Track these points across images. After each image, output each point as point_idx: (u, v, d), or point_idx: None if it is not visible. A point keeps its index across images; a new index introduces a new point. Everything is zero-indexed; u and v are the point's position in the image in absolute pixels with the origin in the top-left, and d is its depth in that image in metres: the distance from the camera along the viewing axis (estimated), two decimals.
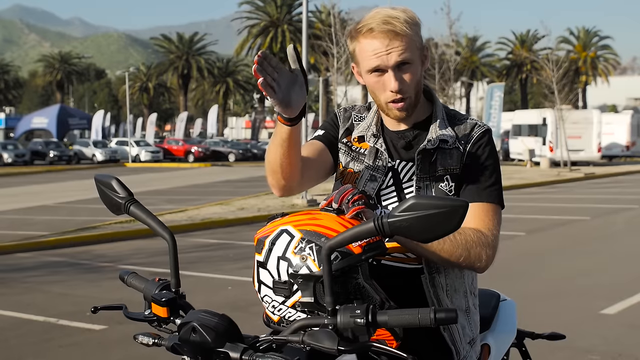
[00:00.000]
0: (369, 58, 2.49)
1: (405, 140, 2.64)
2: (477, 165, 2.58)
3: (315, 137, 2.77)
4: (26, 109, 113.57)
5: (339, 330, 1.95)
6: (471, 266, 2.49)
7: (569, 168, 36.80)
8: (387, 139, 2.69)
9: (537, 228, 15.60)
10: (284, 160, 2.46)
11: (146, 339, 2.20)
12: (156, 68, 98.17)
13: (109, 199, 2.35)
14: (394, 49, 2.45)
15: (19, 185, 31.90)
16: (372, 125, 2.70)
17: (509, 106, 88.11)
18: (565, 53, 71.74)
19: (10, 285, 10.35)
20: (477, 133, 2.61)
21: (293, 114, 2.30)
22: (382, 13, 2.48)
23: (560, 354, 6.58)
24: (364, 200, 2.26)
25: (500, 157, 24.44)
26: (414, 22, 2.50)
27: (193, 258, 12.36)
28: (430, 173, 2.58)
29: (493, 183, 2.58)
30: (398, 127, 2.67)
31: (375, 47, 2.46)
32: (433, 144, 2.58)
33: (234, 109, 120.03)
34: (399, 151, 2.65)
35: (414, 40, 2.48)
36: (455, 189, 2.57)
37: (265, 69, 2.17)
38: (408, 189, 2.59)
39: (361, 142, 2.71)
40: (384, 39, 2.44)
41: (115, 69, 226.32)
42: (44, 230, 15.39)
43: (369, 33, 2.47)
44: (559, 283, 10.02)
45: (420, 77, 2.56)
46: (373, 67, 2.49)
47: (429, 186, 2.57)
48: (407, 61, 2.48)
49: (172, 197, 23.95)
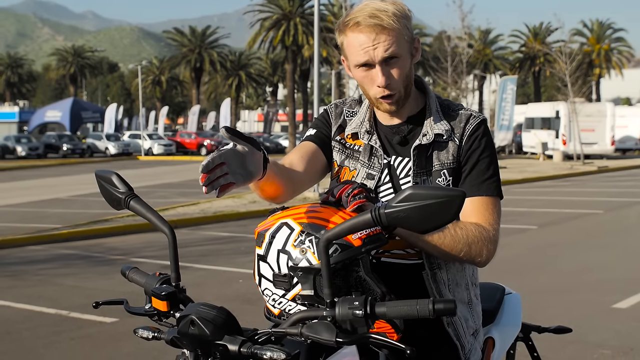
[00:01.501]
0: (356, 53, 2.44)
1: (400, 135, 2.60)
2: (474, 158, 2.55)
3: (307, 138, 2.72)
4: (40, 102, 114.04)
5: (337, 322, 1.94)
6: (472, 261, 2.48)
7: (582, 161, 36.66)
8: (381, 134, 2.64)
9: (550, 221, 15.55)
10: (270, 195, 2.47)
11: (146, 333, 2.20)
12: (169, 61, 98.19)
13: (110, 194, 2.35)
14: (380, 43, 2.40)
15: (32, 179, 32.05)
16: (365, 122, 2.65)
17: (522, 99, 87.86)
18: (579, 46, 71.35)
19: (23, 278, 10.40)
20: (473, 124, 2.57)
21: (259, 177, 2.20)
22: (371, 6, 2.43)
23: (572, 348, 6.57)
24: (365, 194, 2.25)
25: (513, 151, 24.36)
26: (403, 15, 2.44)
27: (205, 251, 12.40)
28: (426, 168, 2.55)
29: (491, 175, 2.55)
30: (391, 121, 2.63)
31: (361, 42, 2.42)
32: (428, 139, 2.55)
33: (247, 102, 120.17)
34: (394, 147, 2.62)
35: (402, 34, 2.43)
36: (453, 183, 2.55)
37: (212, 176, 2.06)
38: (405, 185, 2.56)
39: (355, 139, 2.67)
40: (371, 33, 2.40)
41: (128, 62, 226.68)
42: (56, 223, 15.47)
43: (356, 27, 2.42)
44: (571, 277, 9.99)
45: (409, 71, 2.51)
46: (360, 62, 2.45)
47: (425, 181, 2.54)
48: (395, 55, 2.43)
49: (185, 190, 23.99)
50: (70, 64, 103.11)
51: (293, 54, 63.06)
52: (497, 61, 79.90)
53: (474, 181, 2.53)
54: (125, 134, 63.80)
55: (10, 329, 7.54)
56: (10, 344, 7.06)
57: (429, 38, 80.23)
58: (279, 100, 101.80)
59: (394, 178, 2.59)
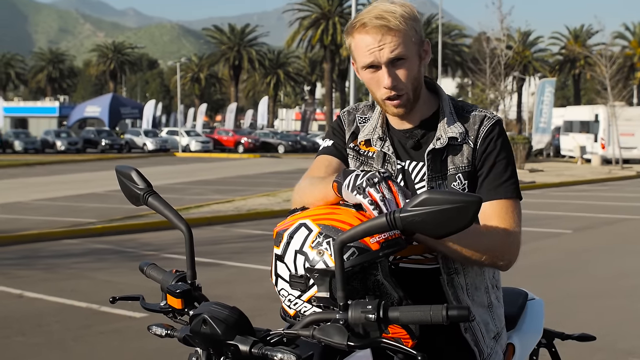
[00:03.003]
0: (363, 54, 2.43)
1: (414, 139, 2.57)
2: (491, 160, 2.51)
3: (325, 150, 2.69)
4: (80, 97, 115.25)
5: (350, 326, 1.94)
6: (494, 265, 2.45)
7: (620, 166, 36.28)
8: (394, 139, 2.61)
9: (585, 226, 15.39)
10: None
11: (160, 330, 2.22)
12: (208, 59, 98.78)
13: (129, 189, 2.36)
14: (386, 44, 2.38)
15: (70, 173, 32.41)
16: (378, 128, 2.63)
17: (561, 102, 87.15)
18: (620, 49, 70.65)
19: (56, 271, 10.52)
20: (487, 126, 2.54)
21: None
22: (378, 8, 2.42)
23: (600, 355, 6.50)
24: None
25: (551, 154, 24.05)
26: (411, 17, 2.42)
27: (237, 248, 12.45)
28: (442, 172, 2.53)
29: (509, 177, 2.52)
30: (404, 125, 2.60)
31: (368, 43, 2.40)
32: (442, 143, 2.52)
33: (285, 101, 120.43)
34: (408, 151, 2.59)
35: (410, 35, 2.41)
36: (468, 187, 2.52)
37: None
38: (420, 189, 2.54)
39: (368, 145, 2.64)
40: (377, 34, 2.38)
41: (167, 59, 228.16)
42: (92, 218, 15.62)
43: (362, 28, 2.41)
44: (605, 282, 9.88)
45: (418, 73, 2.48)
46: (367, 63, 2.43)
47: (441, 185, 2.52)
48: (401, 57, 2.41)
49: (220, 187, 24.11)
50: (111, 60, 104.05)
51: (331, 53, 63.15)
52: (537, 63, 79.28)
53: (492, 184, 2.50)
54: (163, 130, 64.23)
55: (41, 322, 7.63)
56: (41, 336, 7.14)
57: (469, 39, 79.92)
58: (316, 99, 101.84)
59: (408, 183, 2.56)
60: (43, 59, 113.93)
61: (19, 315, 7.88)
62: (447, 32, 74.54)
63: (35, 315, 7.90)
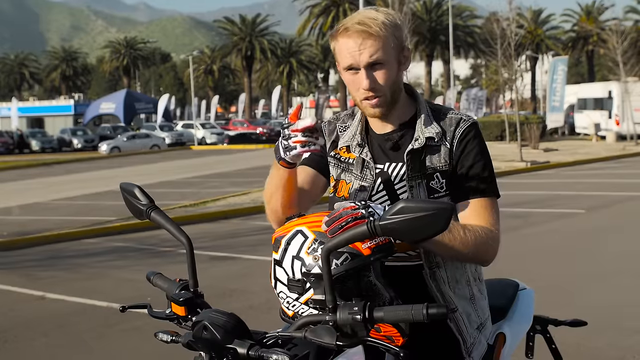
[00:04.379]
0: (344, 56, 2.60)
1: (392, 141, 2.73)
2: (469, 160, 2.66)
3: (302, 162, 2.84)
4: (95, 94, 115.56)
5: (339, 326, 2.11)
6: (479, 260, 2.63)
7: (635, 141, 36.18)
8: (375, 143, 2.77)
9: (599, 205, 15.44)
10: (285, 200, 2.70)
11: (165, 336, 2.41)
12: (220, 50, 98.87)
13: (133, 205, 2.56)
14: (366, 48, 2.55)
15: (88, 171, 32.65)
16: (357, 135, 2.78)
17: (575, 79, 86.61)
18: (633, 23, 70.17)
19: (78, 271, 10.72)
20: (463, 128, 2.68)
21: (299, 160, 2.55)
22: (362, 14, 2.60)
23: (608, 335, 6.62)
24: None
25: (565, 132, 23.97)
26: (392, 24, 2.59)
27: (254, 241, 12.59)
28: (421, 171, 2.67)
29: (487, 176, 2.67)
30: (384, 129, 2.75)
31: (349, 46, 2.57)
32: (420, 143, 2.66)
33: (299, 89, 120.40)
34: (387, 154, 2.73)
35: (389, 41, 2.56)
36: (446, 186, 2.66)
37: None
38: (400, 189, 2.69)
39: (348, 152, 2.81)
40: (358, 38, 2.55)
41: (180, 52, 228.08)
42: (111, 216, 15.77)
43: (345, 32, 2.58)
44: (616, 262, 9.96)
45: (396, 77, 2.64)
46: (347, 65, 2.60)
47: (420, 184, 2.66)
48: (379, 61, 2.57)
49: (236, 179, 24.24)
50: (123, 55, 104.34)
51: None
52: (549, 41, 78.84)
53: (470, 184, 2.65)
54: (178, 123, 64.42)
55: (63, 322, 7.83)
56: (63, 337, 7.34)
57: (480, 20, 79.57)
58: (330, 86, 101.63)
59: (388, 184, 2.71)
60: (56, 57, 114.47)
61: (42, 317, 8.08)
62: (458, 14, 74.28)
63: (57, 316, 8.10)
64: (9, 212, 18.38)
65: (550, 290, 7.67)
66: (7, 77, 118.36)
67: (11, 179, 29.40)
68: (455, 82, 79.78)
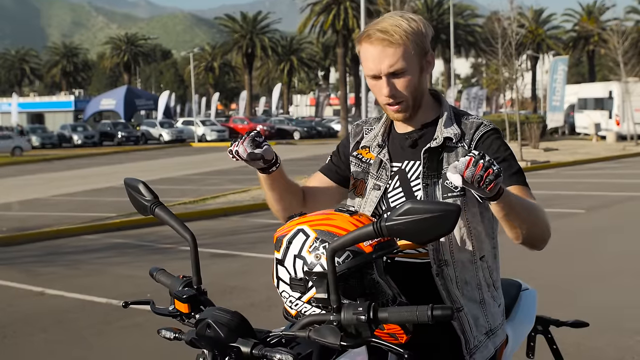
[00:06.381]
0: (366, 64, 2.63)
1: (412, 139, 2.74)
2: (500, 157, 2.61)
3: (323, 168, 2.98)
4: (95, 90, 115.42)
5: (343, 326, 2.10)
6: (542, 239, 2.56)
7: (635, 142, 36.15)
8: (395, 142, 2.79)
9: (599, 205, 15.44)
10: (279, 202, 2.81)
11: (168, 333, 2.40)
12: (221, 47, 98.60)
13: (137, 201, 2.54)
14: (387, 57, 2.57)
15: (88, 167, 32.63)
16: (379, 136, 2.82)
17: (576, 78, 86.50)
18: (634, 24, 70.08)
19: (77, 267, 10.71)
20: (483, 132, 2.69)
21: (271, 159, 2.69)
22: (386, 21, 2.60)
23: (608, 335, 6.61)
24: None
25: (566, 132, 23.99)
26: (416, 32, 2.59)
27: (254, 238, 12.59)
28: (437, 170, 2.67)
29: (518, 170, 2.64)
30: (407, 129, 2.78)
31: (371, 54, 2.60)
32: (438, 142, 2.67)
33: (299, 87, 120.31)
34: (406, 151, 2.75)
35: (410, 49, 2.57)
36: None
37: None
38: (416, 187, 2.70)
39: (369, 152, 2.85)
40: (378, 46, 2.57)
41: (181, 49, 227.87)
42: (111, 212, 15.77)
43: (367, 39, 2.60)
44: (616, 262, 9.96)
45: (418, 83, 2.65)
46: (369, 72, 2.63)
47: (436, 183, 2.66)
48: (400, 71, 2.58)
49: (236, 177, 24.19)
50: (124, 52, 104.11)
51: (344, 37, 62.87)
52: (550, 41, 78.70)
53: (507, 173, 2.56)
54: (179, 120, 64.35)
55: (63, 318, 7.83)
56: (62, 332, 7.34)
57: (481, 19, 79.50)
58: (331, 84, 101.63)
59: (405, 182, 2.72)
60: (57, 53, 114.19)
61: (41, 313, 8.06)
62: (459, 13, 74.20)
63: (56, 312, 8.09)
64: (9, 207, 18.39)
65: (550, 290, 7.66)
66: (8, 72, 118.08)
67: (11, 175, 29.40)
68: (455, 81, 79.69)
